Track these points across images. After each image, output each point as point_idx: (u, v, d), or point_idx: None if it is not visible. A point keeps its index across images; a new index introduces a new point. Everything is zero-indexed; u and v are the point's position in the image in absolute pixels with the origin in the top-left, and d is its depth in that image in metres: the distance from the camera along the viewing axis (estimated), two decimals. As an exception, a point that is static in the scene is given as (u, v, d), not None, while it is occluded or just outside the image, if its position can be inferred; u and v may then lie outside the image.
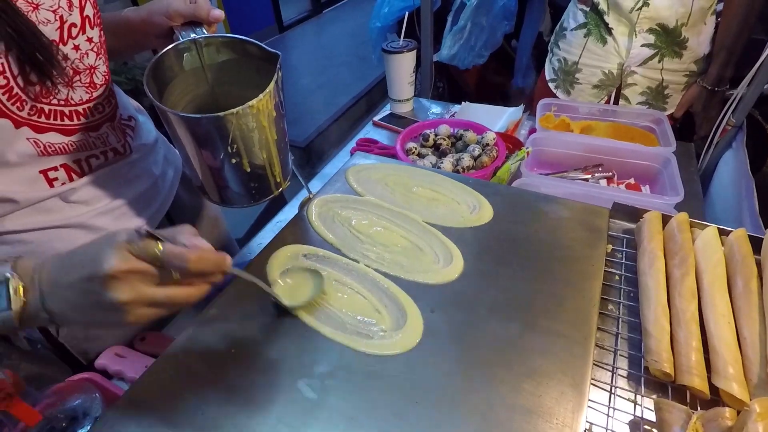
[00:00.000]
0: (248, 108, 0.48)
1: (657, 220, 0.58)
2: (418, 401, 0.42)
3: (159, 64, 0.53)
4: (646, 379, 0.45)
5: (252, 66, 0.57)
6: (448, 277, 0.53)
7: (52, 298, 0.38)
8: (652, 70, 1.13)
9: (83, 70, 0.55)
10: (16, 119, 0.50)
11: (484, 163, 0.83)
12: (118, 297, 0.36)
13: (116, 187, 0.66)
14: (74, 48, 0.53)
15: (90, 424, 0.53)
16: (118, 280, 0.36)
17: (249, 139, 0.51)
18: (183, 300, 0.39)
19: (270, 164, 0.56)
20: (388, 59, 1.21)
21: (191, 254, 0.37)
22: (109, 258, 0.36)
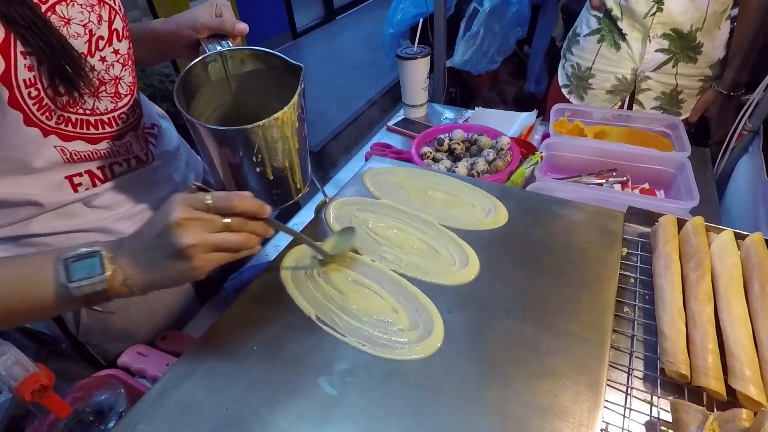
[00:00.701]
0: (274, 120, 0.51)
1: (672, 224, 0.58)
2: (436, 399, 0.43)
3: (188, 75, 0.56)
4: (662, 381, 0.45)
5: (274, 77, 0.59)
6: (464, 279, 0.54)
7: (131, 264, 0.43)
8: (667, 75, 1.13)
9: (108, 80, 0.57)
10: (44, 128, 0.52)
11: (499, 167, 0.84)
12: (184, 241, 0.41)
13: (138, 193, 0.68)
14: (101, 59, 0.55)
15: (115, 419, 0.55)
16: (183, 227, 0.41)
17: (273, 149, 0.54)
18: (237, 243, 0.44)
19: (291, 171, 0.58)
20: (403, 65, 1.22)
21: (235, 198, 0.44)
22: (173, 211, 0.42)
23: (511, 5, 1.80)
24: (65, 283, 0.42)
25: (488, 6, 1.80)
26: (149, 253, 0.43)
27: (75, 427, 0.54)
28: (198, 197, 0.43)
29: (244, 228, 0.45)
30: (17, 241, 0.60)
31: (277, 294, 0.54)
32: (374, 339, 0.48)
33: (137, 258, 0.44)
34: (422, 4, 2.01)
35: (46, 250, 0.45)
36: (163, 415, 0.43)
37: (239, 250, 0.45)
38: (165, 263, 0.43)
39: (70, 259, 0.43)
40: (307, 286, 0.55)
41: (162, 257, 0.43)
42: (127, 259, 0.44)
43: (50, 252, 0.44)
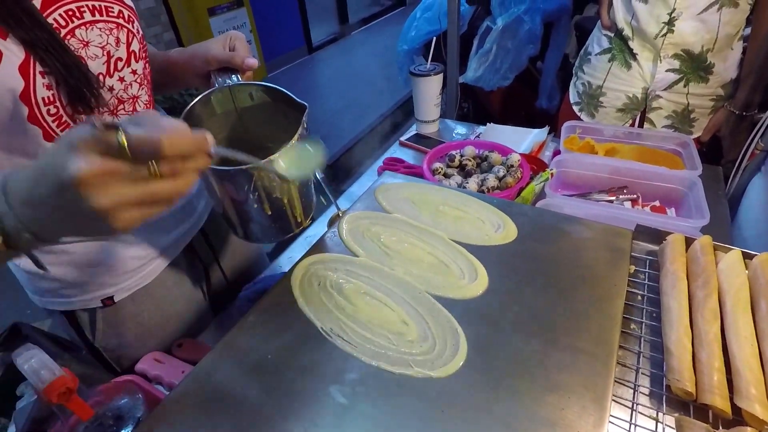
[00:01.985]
0: (270, 162, 0.50)
1: (680, 242, 0.59)
2: (444, 410, 0.44)
3: (193, 109, 0.58)
4: (667, 398, 0.45)
5: (280, 110, 0.60)
6: (472, 293, 0.56)
7: (28, 216, 0.35)
8: (678, 95, 1.13)
9: (127, 99, 0.60)
10: None
11: (509, 183, 0.85)
12: (96, 204, 0.32)
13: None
14: (119, 80, 0.58)
15: (133, 424, 0.57)
16: (90, 185, 0.31)
17: (270, 188, 0.54)
18: (168, 194, 0.35)
19: (291, 207, 0.59)
20: (416, 82, 1.25)
21: (162, 136, 0.32)
22: (72, 163, 0.31)
23: (523, 23, 1.83)
24: None
25: (501, 24, 1.83)
26: (49, 208, 0.34)
27: (95, 430, 0.56)
28: (107, 138, 0.32)
29: (178, 171, 0.35)
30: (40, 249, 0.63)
31: (289, 305, 0.56)
32: (386, 351, 0.50)
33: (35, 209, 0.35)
34: (436, 21, 2.05)
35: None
36: (181, 419, 0.45)
37: (172, 200, 0.36)
38: (75, 220, 0.34)
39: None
40: (319, 298, 0.56)
41: (69, 215, 0.34)
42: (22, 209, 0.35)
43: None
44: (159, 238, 0.73)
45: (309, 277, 0.59)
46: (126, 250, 0.69)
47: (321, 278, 0.59)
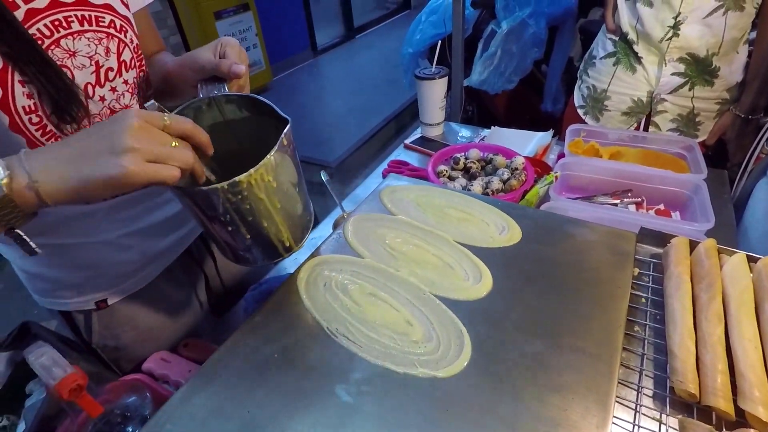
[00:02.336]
0: (236, 183, 0.46)
1: (684, 245, 0.59)
2: (448, 409, 0.44)
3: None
4: (671, 400, 0.46)
5: (272, 123, 0.54)
6: (477, 295, 0.56)
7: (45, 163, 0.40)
8: (683, 98, 1.14)
9: (119, 109, 0.60)
10: None
11: (513, 186, 0.86)
12: (129, 142, 0.39)
13: (145, 209, 0.70)
14: (111, 90, 0.58)
15: (141, 423, 0.58)
16: (133, 129, 0.40)
17: (243, 211, 0.49)
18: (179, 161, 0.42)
19: (275, 232, 0.54)
20: (420, 85, 1.26)
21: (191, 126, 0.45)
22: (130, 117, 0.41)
23: (528, 27, 1.84)
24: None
25: (506, 27, 1.84)
26: (79, 146, 0.41)
27: (103, 428, 0.57)
28: (156, 114, 0.43)
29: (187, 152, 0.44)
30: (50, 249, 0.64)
31: (295, 305, 0.57)
32: (391, 351, 0.50)
33: (58, 152, 0.41)
34: (441, 24, 2.06)
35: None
36: (189, 416, 0.46)
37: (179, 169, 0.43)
38: (94, 159, 0.40)
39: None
40: (325, 298, 0.57)
41: (94, 152, 0.40)
42: (40, 156, 0.41)
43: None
44: (154, 244, 0.73)
45: (314, 278, 0.60)
46: (120, 255, 0.69)
47: (326, 279, 0.60)
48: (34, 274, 0.66)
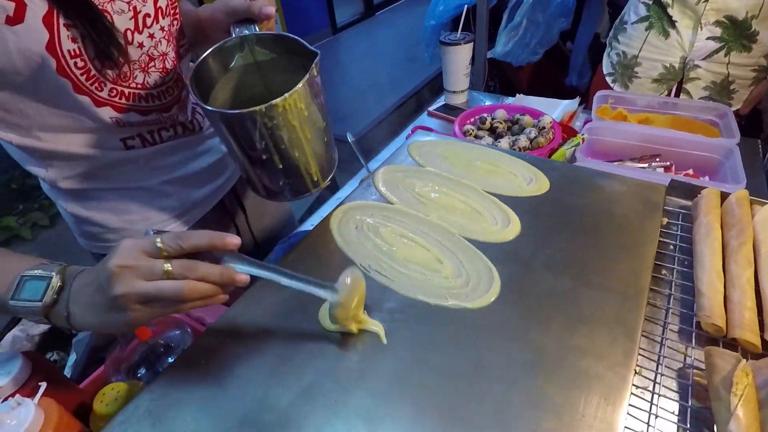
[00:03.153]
0: (273, 106, 0.48)
1: (715, 196, 0.59)
2: (478, 336, 0.46)
3: (205, 62, 0.56)
4: (696, 335, 0.47)
5: (299, 63, 0.57)
6: (505, 237, 0.58)
7: (73, 300, 0.42)
8: (718, 64, 1.11)
9: (157, 56, 0.61)
10: (96, 98, 0.56)
11: (540, 143, 0.86)
12: (113, 291, 0.39)
13: (186, 158, 0.73)
14: (149, 36, 0.59)
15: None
16: (116, 275, 0.39)
17: (277, 137, 0.52)
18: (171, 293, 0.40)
19: (305, 163, 0.56)
20: (446, 51, 1.25)
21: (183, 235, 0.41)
22: (111, 257, 0.40)
23: (556, -4, 1.80)
24: (7, 297, 0.43)
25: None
26: (89, 291, 0.42)
27: (149, 356, 0.61)
28: (149, 240, 0.40)
29: (189, 274, 0.41)
30: (83, 196, 0.67)
31: (328, 245, 0.59)
32: (422, 285, 0.52)
33: (81, 296, 0.43)
34: (465, -5, 2.03)
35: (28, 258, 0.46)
36: (219, 345, 0.49)
37: (178, 300, 0.40)
38: (101, 310, 0.41)
39: (26, 277, 0.43)
40: (357, 239, 0.59)
41: (99, 304, 0.41)
42: (73, 294, 0.43)
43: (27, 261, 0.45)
44: (191, 193, 0.76)
45: (347, 221, 0.62)
46: (161, 201, 0.72)
47: (358, 222, 0.62)
48: (83, 218, 0.70)
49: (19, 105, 0.54)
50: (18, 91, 0.53)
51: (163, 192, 0.72)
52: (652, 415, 0.41)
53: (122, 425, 0.43)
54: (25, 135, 0.58)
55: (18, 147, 0.59)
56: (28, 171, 0.65)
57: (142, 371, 0.60)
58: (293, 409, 0.42)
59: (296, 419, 0.41)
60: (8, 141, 0.58)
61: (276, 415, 0.42)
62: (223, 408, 0.43)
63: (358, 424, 0.40)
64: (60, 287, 0.43)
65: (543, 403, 0.40)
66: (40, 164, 0.63)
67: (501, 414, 0.40)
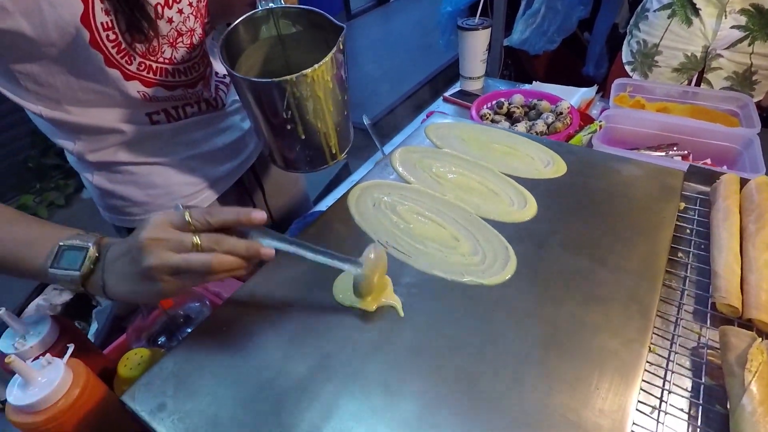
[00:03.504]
0: (302, 77, 0.51)
1: (734, 181, 0.59)
2: (493, 311, 0.47)
3: (234, 31, 0.58)
4: (711, 316, 0.47)
5: (322, 38, 0.59)
6: (522, 218, 0.58)
7: (108, 270, 0.44)
8: (741, 54, 1.09)
9: (185, 32, 0.62)
10: (126, 72, 0.58)
11: (558, 128, 0.85)
12: (145, 262, 0.40)
13: (208, 135, 0.74)
14: (178, 11, 0.60)
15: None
16: (147, 247, 0.40)
17: (304, 107, 0.54)
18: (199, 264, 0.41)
19: (325, 135, 0.59)
20: (463, 36, 1.25)
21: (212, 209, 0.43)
22: (141, 230, 0.41)
23: (575, -17, 1.77)
24: (46, 265, 0.44)
25: (552, -17, 1.78)
26: (122, 267, 0.43)
27: (170, 326, 0.63)
28: (179, 214, 0.42)
29: (217, 247, 0.42)
30: (110, 169, 0.69)
31: (346, 221, 0.60)
32: (439, 261, 0.53)
33: (115, 267, 0.44)
34: (483, -19, 2.00)
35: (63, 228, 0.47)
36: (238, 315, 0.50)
37: (206, 272, 0.42)
38: (134, 281, 0.43)
39: (63, 247, 0.45)
40: (374, 216, 0.60)
41: (131, 274, 0.42)
42: (107, 264, 0.44)
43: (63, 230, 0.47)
44: (213, 169, 0.77)
45: (364, 199, 0.63)
46: (184, 176, 0.74)
47: (376, 200, 0.62)
48: (108, 191, 0.72)
49: (49, 78, 0.56)
50: (50, 64, 0.54)
51: (186, 167, 0.73)
52: (665, 390, 0.41)
53: (147, 386, 0.44)
54: (54, 108, 0.59)
55: (47, 120, 0.60)
56: (56, 143, 0.66)
57: (162, 339, 0.62)
58: (312, 377, 0.43)
59: (315, 386, 0.42)
60: (38, 113, 0.59)
61: (295, 380, 0.43)
62: (243, 373, 0.44)
63: (376, 391, 0.41)
64: (96, 258, 0.44)
65: (556, 376, 0.41)
66: (69, 137, 0.64)
67: (515, 386, 0.41)
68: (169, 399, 0.42)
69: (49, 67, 0.55)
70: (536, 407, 0.39)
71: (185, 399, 0.42)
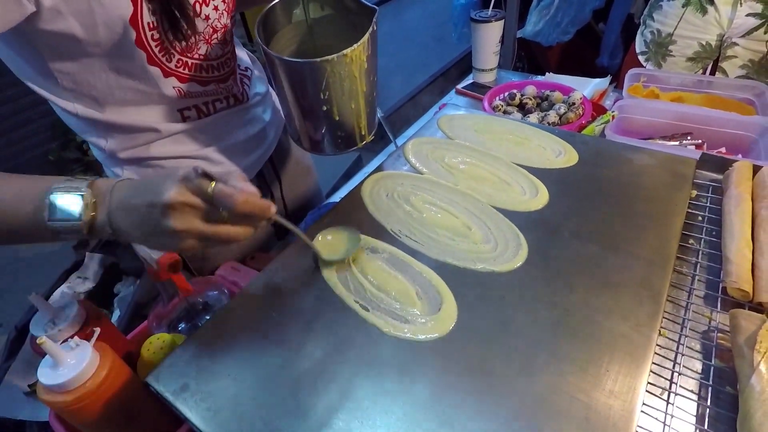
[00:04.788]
0: (342, 57, 0.52)
1: (747, 168, 0.59)
2: (505, 296, 0.48)
3: (269, 14, 0.59)
4: (722, 300, 0.47)
5: (350, 22, 0.60)
6: (533, 207, 0.59)
7: (117, 217, 0.42)
8: (757, 42, 1.07)
9: (220, 28, 0.64)
10: (165, 69, 0.60)
11: (570, 119, 0.86)
12: (171, 225, 0.40)
13: (233, 128, 0.76)
14: (214, 8, 0.61)
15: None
16: (174, 209, 0.40)
17: (340, 87, 0.55)
18: (226, 237, 0.42)
19: (357, 115, 0.60)
20: (476, 28, 1.25)
21: (239, 196, 0.40)
22: (169, 189, 0.40)
23: (589, -27, 1.75)
24: (42, 218, 0.42)
25: (565, -26, 1.76)
26: (137, 215, 0.42)
27: (189, 312, 0.65)
28: (201, 183, 0.40)
29: (241, 223, 0.43)
30: (140, 163, 0.71)
31: (360, 210, 0.62)
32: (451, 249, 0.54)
33: (125, 212, 0.43)
34: (495, -27, 1.99)
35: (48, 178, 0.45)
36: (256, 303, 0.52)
37: (229, 242, 0.43)
38: (150, 232, 0.42)
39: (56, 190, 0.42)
40: (388, 206, 0.61)
41: (147, 226, 0.42)
42: (116, 208, 0.43)
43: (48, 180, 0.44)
44: (238, 160, 0.79)
45: (378, 190, 0.64)
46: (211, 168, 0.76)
47: (389, 190, 0.64)
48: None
49: (89, 77, 0.57)
50: (92, 62, 0.56)
51: (214, 160, 0.75)
52: (676, 372, 0.42)
53: (170, 368, 0.46)
54: (90, 106, 0.61)
55: (83, 118, 0.62)
56: (87, 140, 0.68)
57: (182, 326, 0.65)
58: (328, 360, 0.45)
59: (331, 368, 0.44)
60: (74, 112, 0.61)
61: (311, 363, 0.45)
62: (261, 356, 0.46)
63: (390, 374, 0.43)
64: (94, 203, 0.43)
65: (568, 358, 0.42)
66: (102, 135, 0.66)
67: (527, 368, 0.42)
68: (192, 380, 0.44)
69: (90, 66, 0.56)
70: (547, 389, 0.40)
71: (207, 380, 0.44)
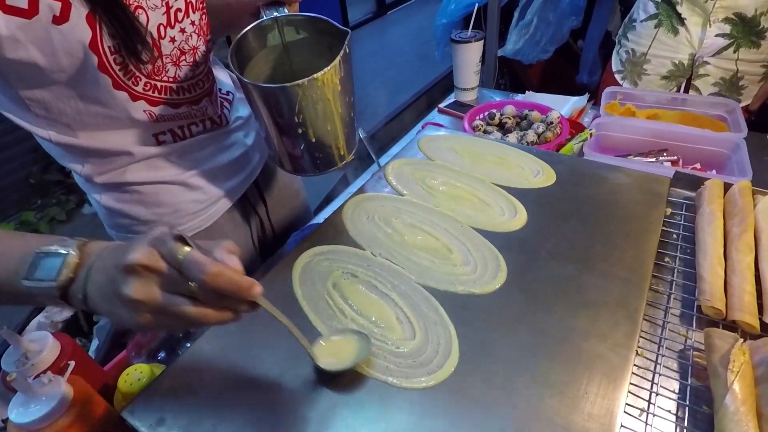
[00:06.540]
0: (313, 80, 0.52)
1: (718, 186, 0.60)
2: (484, 318, 0.48)
3: (243, 40, 0.60)
4: (697, 318, 0.48)
5: (325, 43, 0.61)
6: (512, 227, 0.59)
7: (89, 279, 0.38)
8: (727, 61, 1.11)
9: (188, 50, 0.63)
10: (133, 93, 0.59)
11: (548, 138, 0.87)
12: (126, 291, 0.34)
13: (213, 152, 0.75)
14: (180, 31, 0.61)
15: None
16: (134, 273, 0.34)
17: (314, 110, 0.56)
18: (190, 317, 0.35)
19: (334, 137, 0.60)
20: (456, 49, 1.27)
21: (212, 267, 0.33)
22: (136, 251, 0.34)
23: (566, -6, 1.81)
24: (19, 278, 0.39)
25: (543, -6, 1.81)
26: (104, 278, 0.37)
27: (169, 341, 0.64)
28: (172, 247, 0.34)
29: (215, 302, 0.36)
30: (117, 189, 0.70)
31: (341, 234, 0.62)
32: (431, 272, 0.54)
33: (96, 275, 0.38)
34: (476, -6, 2.04)
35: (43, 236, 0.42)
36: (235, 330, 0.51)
37: (190, 324, 0.36)
38: (111, 300, 0.36)
39: (41, 254, 0.39)
40: (368, 228, 0.61)
41: (110, 292, 0.36)
42: (92, 274, 0.38)
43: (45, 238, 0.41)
44: (219, 185, 0.79)
45: (359, 212, 0.64)
46: (190, 194, 0.75)
47: (370, 213, 0.64)
48: (116, 210, 0.73)
49: (59, 104, 0.57)
50: (59, 90, 0.56)
51: (192, 185, 0.75)
52: (653, 393, 0.42)
53: (146, 401, 0.46)
54: (64, 133, 0.60)
55: (56, 144, 0.62)
56: (65, 166, 0.67)
57: (162, 355, 0.63)
58: (308, 389, 0.44)
59: (311, 397, 0.44)
60: (48, 138, 0.60)
61: (291, 392, 0.44)
62: (241, 386, 0.45)
63: (370, 401, 0.42)
64: (77, 264, 0.38)
65: (547, 381, 0.42)
66: (77, 160, 0.65)
67: (506, 391, 0.42)
68: (168, 414, 0.43)
69: (58, 93, 0.56)
70: (527, 413, 0.40)
71: (184, 413, 0.43)
